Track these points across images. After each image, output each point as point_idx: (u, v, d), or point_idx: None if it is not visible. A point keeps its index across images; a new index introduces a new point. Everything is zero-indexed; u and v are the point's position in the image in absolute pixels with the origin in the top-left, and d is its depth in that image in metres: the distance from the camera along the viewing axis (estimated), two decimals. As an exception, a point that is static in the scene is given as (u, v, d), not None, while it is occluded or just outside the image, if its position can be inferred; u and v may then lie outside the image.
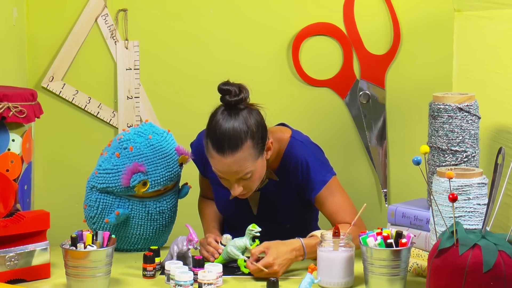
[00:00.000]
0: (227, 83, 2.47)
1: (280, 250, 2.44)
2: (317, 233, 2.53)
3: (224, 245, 2.54)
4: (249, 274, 2.46)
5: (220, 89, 2.46)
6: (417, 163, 2.12)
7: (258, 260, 2.43)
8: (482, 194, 2.24)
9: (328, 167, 2.63)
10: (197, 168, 2.80)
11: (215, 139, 2.45)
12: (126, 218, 2.65)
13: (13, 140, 2.53)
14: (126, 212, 2.63)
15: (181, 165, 2.70)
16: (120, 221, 2.64)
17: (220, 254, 2.54)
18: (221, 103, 2.49)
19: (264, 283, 2.34)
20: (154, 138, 2.65)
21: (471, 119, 2.39)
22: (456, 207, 2.21)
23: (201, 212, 2.86)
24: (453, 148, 2.39)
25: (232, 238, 2.54)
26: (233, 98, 2.46)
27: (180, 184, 2.79)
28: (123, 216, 2.63)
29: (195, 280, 2.32)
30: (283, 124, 2.73)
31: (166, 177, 2.65)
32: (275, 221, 2.67)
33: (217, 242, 2.57)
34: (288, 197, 2.65)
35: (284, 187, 2.63)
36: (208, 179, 2.77)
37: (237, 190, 2.51)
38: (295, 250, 2.47)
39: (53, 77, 3.33)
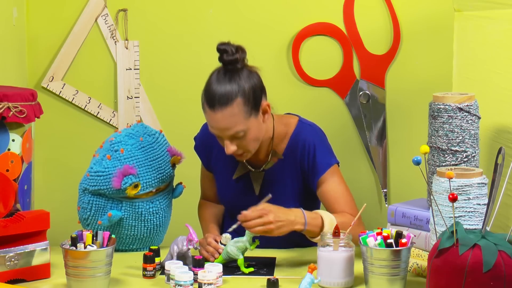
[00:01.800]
0: (225, 43, 2.57)
1: (279, 210, 2.48)
2: (320, 212, 2.55)
3: (224, 245, 2.54)
4: (249, 274, 2.46)
5: (218, 48, 2.56)
6: (417, 163, 2.12)
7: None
8: (482, 194, 2.24)
9: (333, 153, 2.70)
10: (200, 160, 2.84)
11: (208, 94, 2.54)
12: (119, 219, 2.65)
13: (13, 140, 2.53)
14: (118, 213, 2.63)
15: (173, 166, 2.71)
16: (112, 222, 2.64)
17: (220, 254, 2.54)
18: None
19: (264, 283, 2.34)
20: (145, 140, 2.66)
21: (471, 119, 2.39)
22: (456, 207, 2.21)
23: (200, 215, 2.88)
24: (453, 148, 2.39)
25: (232, 238, 2.54)
26: (229, 57, 2.54)
27: (174, 184, 2.79)
28: (116, 218, 2.63)
29: (195, 280, 2.32)
30: (289, 114, 2.80)
31: (158, 179, 2.66)
32: (276, 203, 2.68)
33: (216, 242, 2.58)
34: (292, 179, 2.68)
35: (289, 168, 2.68)
36: (211, 173, 2.81)
37: (230, 148, 2.56)
38: (294, 214, 2.50)
39: (53, 77, 3.33)
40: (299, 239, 2.69)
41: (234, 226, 2.53)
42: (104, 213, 2.65)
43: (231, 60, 2.55)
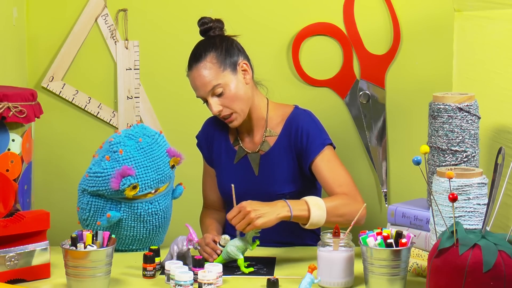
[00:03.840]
0: (204, 17, 2.77)
1: (256, 203, 2.52)
2: (306, 198, 2.58)
3: (223, 246, 2.54)
4: (249, 274, 2.46)
5: (198, 22, 2.76)
6: (417, 163, 2.12)
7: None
8: (482, 194, 2.24)
9: (327, 135, 2.75)
10: (202, 163, 2.89)
11: (188, 61, 2.71)
12: (118, 220, 2.65)
13: (13, 140, 2.53)
14: (117, 214, 2.63)
15: (172, 167, 2.71)
16: (111, 223, 2.64)
17: (218, 255, 2.54)
18: None
19: (264, 283, 2.34)
20: (144, 141, 2.66)
21: (471, 119, 2.40)
22: (456, 207, 2.21)
23: (202, 223, 2.90)
24: (453, 148, 2.39)
25: (231, 238, 2.54)
26: (204, 26, 2.75)
27: (174, 184, 2.79)
28: (115, 219, 2.63)
29: (195, 280, 2.32)
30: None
31: (157, 180, 2.65)
32: (274, 186, 2.73)
33: (215, 242, 2.58)
34: (288, 161, 2.74)
35: (285, 150, 2.74)
36: (213, 168, 2.87)
37: (214, 107, 2.67)
38: (275, 204, 2.53)
39: (53, 77, 3.33)
40: (294, 227, 2.72)
41: (238, 233, 2.54)
42: (103, 214, 2.65)
43: (206, 28, 2.74)
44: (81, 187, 2.68)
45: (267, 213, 2.49)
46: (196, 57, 2.69)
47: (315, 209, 2.54)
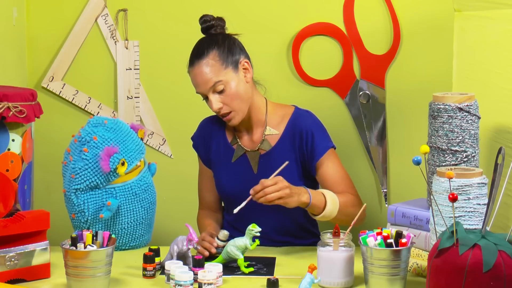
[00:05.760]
0: (206, 14, 2.78)
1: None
2: (321, 189, 2.67)
3: (221, 240, 2.55)
4: (249, 274, 2.46)
5: (199, 19, 2.77)
6: (417, 163, 2.12)
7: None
8: (482, 194, 2.24)
9: (329, 137, 2.79)
10: (199, 158, 2.90)
11: (189, 57, 2.71)
12: (117, 207, 2.67)
13: (13, 140, 2.53)
14: (116, 201, 2.67)
15: (141, 140, 2.80)
16: (113, 211, 2.67)
17: (215, 247, 2.55)
18: None
19: (264, 283, 2.34)
20: (109, 122, 2.74)
21: (471, 119, 2.40)
22: (456, 207, 2.21)
23: (200, 224, 2.90)
24: (453, 148, 2.39)
25: (232, 238, 2.54)
26: (206, 23, 2.75)
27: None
28: (115, 205, 2.66)
29: (195, 280, 2.32)
30: None
31: (137, 151, 2.74)
32: None
33: (212, 237, 2.59)
34: (291, 161, 2.72)
35: (288, 150, 2.75)
36: (210, 169, 2.86)
37: (215, 104, 2.67)
38: (299, 187, 2.59)
39: (53, 77, 3.33)
40: (295, 229, 2.72)
41: (245, 202, 2.55)
42: (102, 207, 2.66)
43: (208, 26, 2.75)
44: (72, 190, 2.70)
45: (294, 194, 2.56)
46: (198, 54, 2.69)
47: (330, 203, 2.61)
